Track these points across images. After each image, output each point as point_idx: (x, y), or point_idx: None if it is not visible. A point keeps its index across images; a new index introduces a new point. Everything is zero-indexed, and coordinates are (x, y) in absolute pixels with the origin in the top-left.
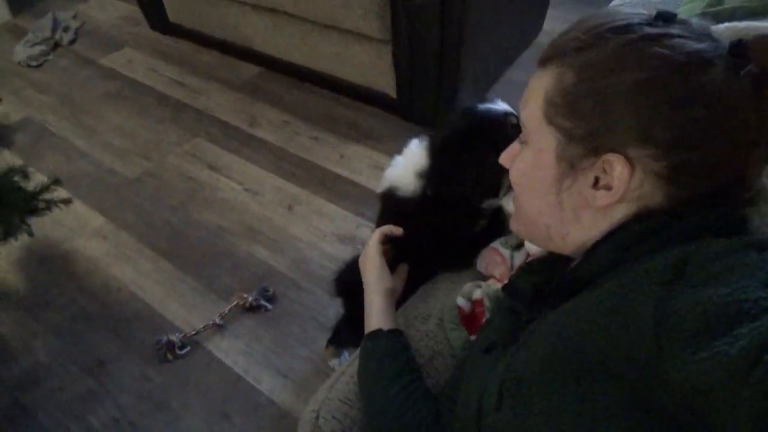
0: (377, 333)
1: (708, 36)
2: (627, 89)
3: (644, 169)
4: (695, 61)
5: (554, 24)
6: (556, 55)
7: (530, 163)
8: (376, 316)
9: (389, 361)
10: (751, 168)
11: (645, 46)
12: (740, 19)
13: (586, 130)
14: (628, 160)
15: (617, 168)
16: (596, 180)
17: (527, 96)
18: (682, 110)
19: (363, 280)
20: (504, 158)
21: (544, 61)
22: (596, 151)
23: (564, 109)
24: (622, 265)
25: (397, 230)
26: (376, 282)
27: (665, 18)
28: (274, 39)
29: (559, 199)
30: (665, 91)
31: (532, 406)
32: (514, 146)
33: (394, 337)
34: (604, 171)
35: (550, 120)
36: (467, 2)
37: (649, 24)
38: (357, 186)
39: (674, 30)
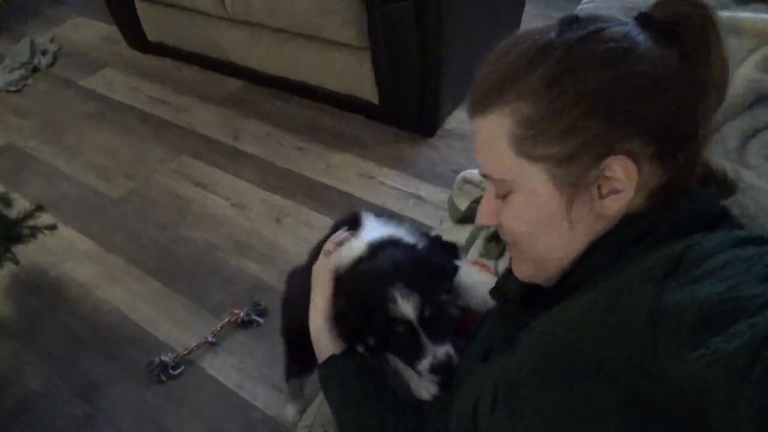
0: (331, 359)
1: (619, 19)
2: (594, 92)
3: (645, 158)
4: (632, 41)
5: (531, 21)
6: (492, 98)
7: (528, 207)
8: (326, 340)
9: (351, 384)
10: (702, 123)
11: (584, 49)
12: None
13: (573, 147)
14: (630, 155)
15: (618, 168)
16: (599, 189)
17: (483, 150)
18: (652, 94)
19: (312, 295)
20: (487, 217)
21: (482, 109)
22: (595, 161)
23: (538, 137)
24: (616, 265)
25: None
26: (324, 305)
27: (570, 21)
28: (253, 52)
29: (572, 225)
30: (630, 79)
31: (526, 407)
32: (490, 203)
33: (349, 358)
34: (606, 177)
35: (529, 156)
36: (443, 3)
37: (566, 31)
38: (343, 194)
39: (594, 26)
